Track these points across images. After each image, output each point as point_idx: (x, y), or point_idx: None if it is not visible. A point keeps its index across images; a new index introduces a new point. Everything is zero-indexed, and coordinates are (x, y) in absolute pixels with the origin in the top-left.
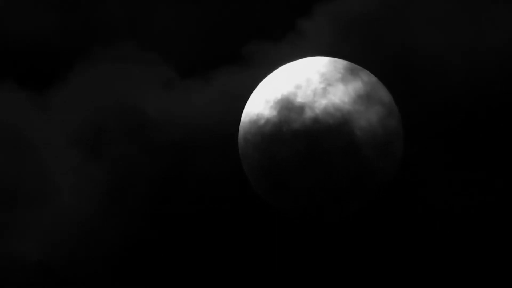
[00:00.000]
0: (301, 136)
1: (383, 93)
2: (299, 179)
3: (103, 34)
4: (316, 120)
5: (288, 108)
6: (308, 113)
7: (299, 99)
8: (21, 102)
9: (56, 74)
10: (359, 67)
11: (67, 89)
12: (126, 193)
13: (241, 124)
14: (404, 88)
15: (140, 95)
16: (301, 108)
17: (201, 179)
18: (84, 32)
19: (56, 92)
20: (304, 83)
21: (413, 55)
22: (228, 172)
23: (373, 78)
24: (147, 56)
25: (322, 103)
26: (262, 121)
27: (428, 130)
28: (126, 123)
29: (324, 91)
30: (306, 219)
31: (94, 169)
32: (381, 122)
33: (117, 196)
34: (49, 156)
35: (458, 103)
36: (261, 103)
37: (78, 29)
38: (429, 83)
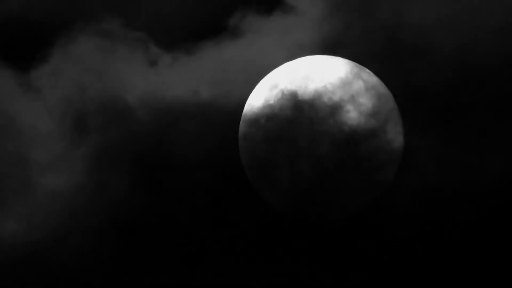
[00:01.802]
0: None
1: (389, 100)
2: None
3: (86, 9)
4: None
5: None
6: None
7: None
8: (4, 81)
9: (38, 51)
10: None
11: (49, 67)
12: (111, 172)
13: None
14: (393, 63)
15: (125, 72)
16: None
17: (188, 155)
18: (67, 7)
19: (38, 69)
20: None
21: (404, 30)
22: (217, 149)
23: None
24: (132, 33)
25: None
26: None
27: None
28: (110, 102)
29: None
30: (305, 219)
31: (79, 148)
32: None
33: (102, 175)
34: (32, 137)
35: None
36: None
37: (62, 4)
38: (418, 62)
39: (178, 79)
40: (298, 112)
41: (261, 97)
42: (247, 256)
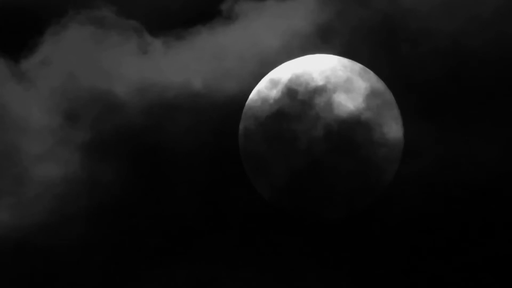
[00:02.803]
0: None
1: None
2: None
3: None
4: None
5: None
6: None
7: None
8: None
9: (29, 40)
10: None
11: (40, 55)
12: (103, 162)
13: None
14: (387, 52)
15: (117, 60)
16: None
17: (181, 144)
18: None
19: (30, 59)
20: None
21: (398, 18)
22: (209, 138)
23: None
24: (125, 21)
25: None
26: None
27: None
28: (103, 91)
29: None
30: (306, 218)
31: (70, 138)
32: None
33: (94, 165)
34: (24, 127)
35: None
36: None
37: None
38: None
39: (171, 66)
40: (299, 109)
41: (261, 94)
42: (246, 253)
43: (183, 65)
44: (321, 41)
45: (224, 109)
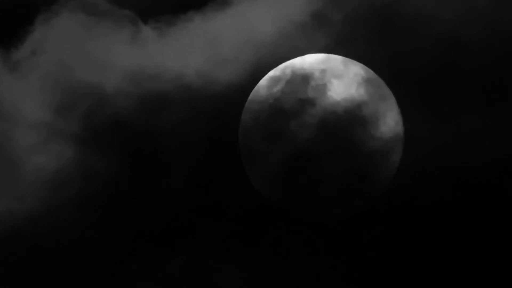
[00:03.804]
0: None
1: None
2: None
3: None
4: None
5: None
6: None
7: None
8: None
9: (19, 28)
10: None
11: (31, 44)
12: (96, 149)
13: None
14: (382, 41)
15: (109, 47)
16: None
17: (176, 135)
18: None
19: (20, 48)
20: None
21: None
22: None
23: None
24: (118, 9)
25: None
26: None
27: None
28: (95, 81)
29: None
30: (305, 217)
31: (63, 125)
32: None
33: (87, 155)
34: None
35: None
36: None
37: None
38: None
39: (165, 54)
40: (299, 108)
41: (261, 93)
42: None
43: (177, 53)
44: (316, 28)
45: (219, 97)
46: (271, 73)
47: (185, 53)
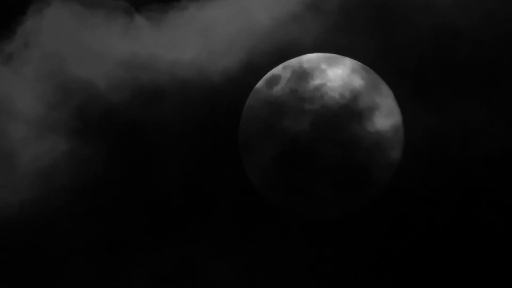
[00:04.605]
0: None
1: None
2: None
3: None
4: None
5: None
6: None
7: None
8: None
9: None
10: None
11: (24, 34)
12: (90, 139)
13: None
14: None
15: (102, 37)
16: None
17: (171, 126)
18: None
19: (12, 38)
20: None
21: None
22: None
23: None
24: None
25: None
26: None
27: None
28: (88, 69)
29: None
30: (305, 217)
31: (57, 115)
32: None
33: (81, 147)
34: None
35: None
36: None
37: None
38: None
39: (159, 44)
40: (299, 106)
41: (261, 93)
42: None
43: (171, 42)
44: (311, 17)
45: (213, 87)
46: (271, 72)
47: (180, 42)
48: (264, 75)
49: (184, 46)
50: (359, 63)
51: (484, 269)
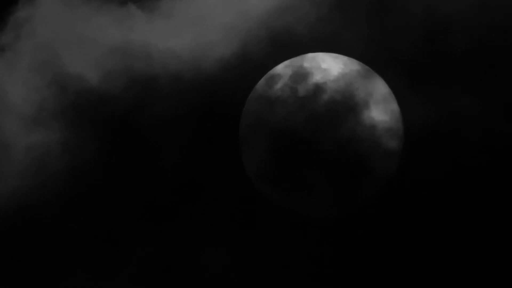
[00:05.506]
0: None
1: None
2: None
3: None
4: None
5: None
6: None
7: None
8: None
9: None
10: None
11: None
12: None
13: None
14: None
15: (97, 29)
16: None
17: (165, 117)
18: None
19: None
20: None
21: None
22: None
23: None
24: None
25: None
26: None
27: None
28: (82, 59)
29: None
30: (306, 216)
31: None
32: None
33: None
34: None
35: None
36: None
37: None
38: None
39: (153, 33)
40: (298, 105)
41: (261, 92)
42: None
43: (165, 31)
44: (306, 5)
45: (208, 75)
46: (272, 71)
47: (173, 31)
48: (259, 64)
49: (178, 35)
50: (357, 61)
51: (484, 269)
